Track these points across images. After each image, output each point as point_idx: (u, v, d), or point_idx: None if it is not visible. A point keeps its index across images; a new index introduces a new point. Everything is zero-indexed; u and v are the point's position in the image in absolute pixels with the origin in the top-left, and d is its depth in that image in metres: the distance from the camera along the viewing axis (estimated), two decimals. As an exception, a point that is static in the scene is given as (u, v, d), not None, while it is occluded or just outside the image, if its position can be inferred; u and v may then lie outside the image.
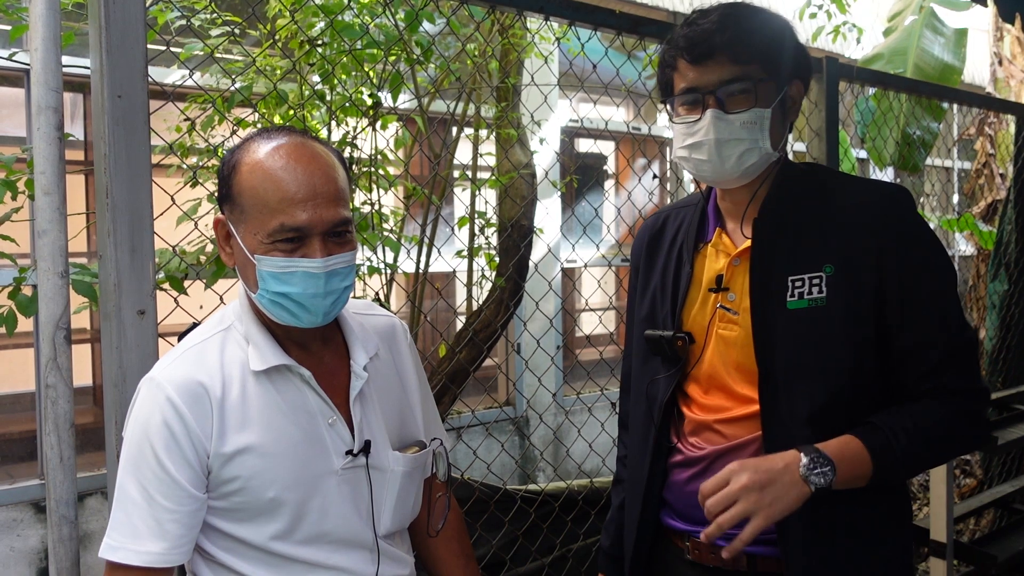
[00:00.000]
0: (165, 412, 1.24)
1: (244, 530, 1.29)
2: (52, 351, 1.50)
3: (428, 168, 3.07)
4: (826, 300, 1.38)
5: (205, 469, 1.26)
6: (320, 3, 2.54)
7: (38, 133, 1.50)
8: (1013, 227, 4.35)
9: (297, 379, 1.31)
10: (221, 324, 1.35)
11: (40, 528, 3.43)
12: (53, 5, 1.50)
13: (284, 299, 1.24)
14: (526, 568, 2.55)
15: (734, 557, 1.40)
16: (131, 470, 1.26)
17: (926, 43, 5.43)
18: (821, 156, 2.95)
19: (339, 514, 1.32)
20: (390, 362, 1.46)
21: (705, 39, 1.39)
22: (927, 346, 1.38)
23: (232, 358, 1.30)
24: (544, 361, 3.83)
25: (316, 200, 1.23)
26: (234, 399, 1.27)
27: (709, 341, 1.48)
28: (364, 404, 1.37)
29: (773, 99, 1.41)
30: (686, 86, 1.42)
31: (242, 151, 1.28)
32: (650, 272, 1.62)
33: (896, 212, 1.41)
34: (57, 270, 1.51)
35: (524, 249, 3.02)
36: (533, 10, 2.26)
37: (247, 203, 1.24)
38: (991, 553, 3.22)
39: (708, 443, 1.47)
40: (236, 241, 1.27)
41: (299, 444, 1.29)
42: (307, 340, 1.35)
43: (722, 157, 1.41)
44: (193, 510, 1.26)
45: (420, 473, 1.46)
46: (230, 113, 2.49)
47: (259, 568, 1.30)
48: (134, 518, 1.24)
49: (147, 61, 1.56)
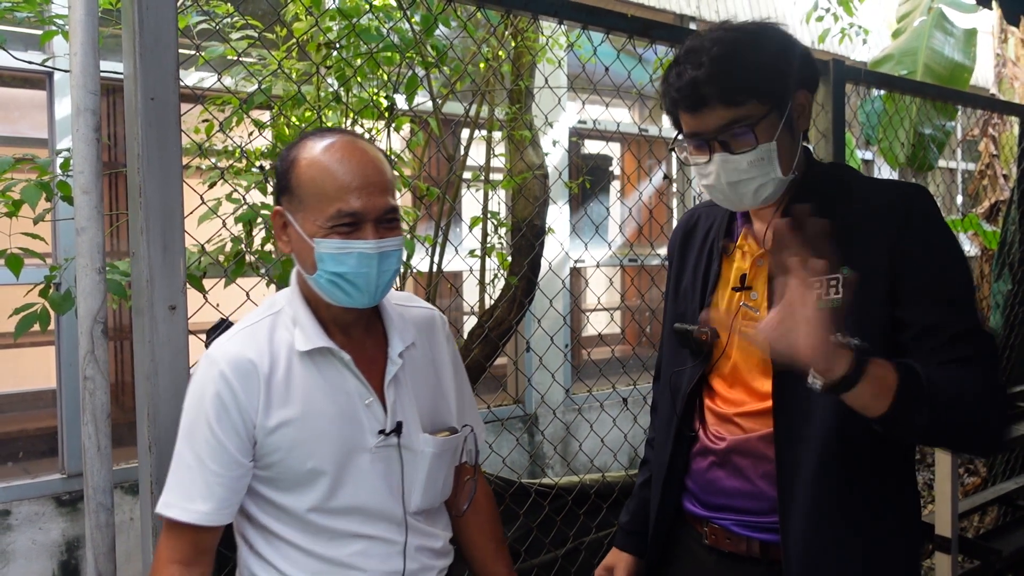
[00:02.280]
0: (218, 385, 1.38)
1: (285, 498, 1.42)
2: (90, 344, 1.56)
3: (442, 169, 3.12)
4: (842, 300, 1.39)
5: (251, 439, 1.39)
6: (338, 7, 2.59)
7: (77, 134, 1.55)
8: (1016, 227, 4.40)
9: (338, 362, 1.43)
10: (272, 308, 1.48)
11: (61, 522, 3.49)
12: (92, 11, 1.56)
13: (340, 279, 1.37)
14: (540, 559, 2.60)
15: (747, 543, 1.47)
16: (186, 437, 1.40)
17: (936, 43, 5.47)
18: (828, 157, 2.99)
19: (372, 488, 1.44)
20: (426, 351, 1.57)
21: (695, 90, 1.39)
22: (938, 328, 1.34)
23: (280, 339, 1.43)
24: (555, 359, 3.88)
25: (369, 189, 1.36)
26: (280, 376, 1.40)
27: (733, 338, 1.53)
28: (398, 388, 1.48)
29: (776, 129, 1.41)
30: (689, 131, 1.45)
31: (299, 148, 1.42)
32: (683, 268, 1.67)
33: (911, 212, 1.41)
34: (95, 266, 1.56)
35: (538, 248, 3.08)
36: (548, 14, 2.32)
37: (306, 193, 1.38)
38: (996, 548, 3.26)
39: (728, 434, 1.52)
40: (294, 229, 1.40)
41: (336, 421, 1.41)
42: (350, 327, 1.47)
43: (738, 194, 1.45)
44: (239, 475, 1.39)
45: (450, 456, 1.55)
46: (249, 114, 2.54)
47: (298, 533, 1.42)
48: (186, 480, 1.38)
49: (178, 64, 1.61)
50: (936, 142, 5.42)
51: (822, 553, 1.40)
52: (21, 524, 3.43)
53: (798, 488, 1.41)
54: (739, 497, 1.50)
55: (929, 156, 5.42)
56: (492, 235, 3.23)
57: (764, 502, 1.46)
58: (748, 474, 1.49)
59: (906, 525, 1.48)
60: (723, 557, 1.53)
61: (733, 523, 1.51)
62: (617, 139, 5.01)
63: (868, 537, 1.43)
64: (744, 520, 1.50)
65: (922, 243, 1.40)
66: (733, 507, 1.51)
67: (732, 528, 1.51)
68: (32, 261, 2.20)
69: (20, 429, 4.11)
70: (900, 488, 1.49)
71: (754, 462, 1.48)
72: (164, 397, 1.57)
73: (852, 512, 1.42)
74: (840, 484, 1.40)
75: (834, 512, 1.41)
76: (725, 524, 1.52)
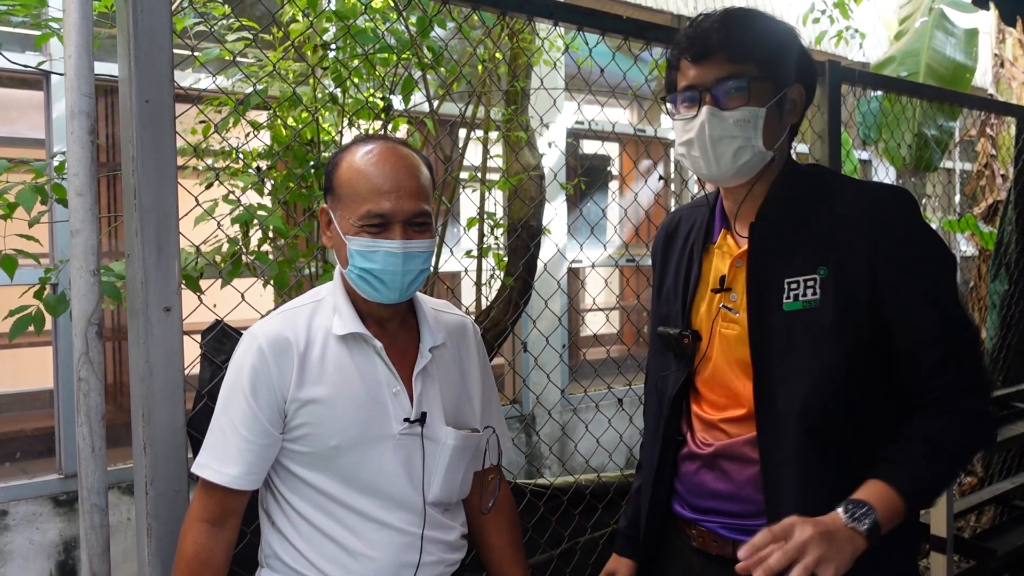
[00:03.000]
0: (255, 359, 1.48)
1: (310, 474, 1.50)
2: (84, 345, 1.57)
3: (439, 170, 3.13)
4: (819, 302, 1.41)
5: (282, 412, 1.48)
6: (334, 8, 2.60)
7: (71, 137, 1.56)
8: (1013, 228, 4.40)
9: (371, 350, 1.52)
10: (315, 296, 1.58)
11: (58, 522, 3.50)
12: (86, 14, 1.56)
13: (368, 274, 1.47)
14: (535, 559, 2.60)
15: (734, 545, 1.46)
16: (224, 405, 1.50)
17: (937, 44, 5.48)
18: (823, 158, 3.00)
19: (393, 474, 1.51)
20: (456, 354, 1.65)
21: (705, 38, 1.45)
22: (927, 346, 1.39)
23: (319, 324, 1.52)
24: (551, 359, 3.89)
25: (399, 192, 1.46)
26: (315, 356, 1.49)
27: (713, 340, 1.54)
28: (425, 380, 1.56)
29: (769, 99, 1.45)
30: (686, 84, 1.48)
31: (345, 152, 1.53)
32: (665, 270, 1.69)
33: (891, 213, 1.42)
34: (89, 268, 1.57)
35: (533, 249, 3.08)
36: (543, 16, 2.32)
37: (344, 193, 1.49)
38: (991, 547, 3.28)
39: (714, 439, 1.53)
40: (335, 226, 1.51)
41: (364, 404, 1.49)
42: (386, 321, 1.56)
43: (716, 154, 1.46)
44: (268, 444, 1.48)
45: (471, 453, 1.61)
46: (246, 115, 2.55)
47: (319, 513, 1.50)
48: (222, 444, 1.48)
49: (173, 67, 1.62)
50: (939, 142, 5.42)
51: None
52: (19, 524, 3.44)
53: (784, 491, 1.41)
54: (726, 500, 1.50)
55: (932, 156, 5.42)
56: (488, 236, 3.23)
57: (750, 505, 1.46)
58: (734, 477, 1.50)
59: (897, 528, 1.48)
60: (710, 559, 1.54)
61: (720, 526, 1.52)
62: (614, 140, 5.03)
63: None
64: (731, 523, 1.51)
65: (906, 249, 1.41)
66: (720, 510, 1.52)
67: (719, 531, 1.52)
68: (29, 262, 2.20)
69: (18, 429, 4.12)
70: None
71: (740, 466, 1.49)
72: (159, 398, 1.58)
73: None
74: (828, 485, 1.40)
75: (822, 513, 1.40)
76: (712, 527, 1.53)
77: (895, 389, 1.44)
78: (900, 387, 1.44)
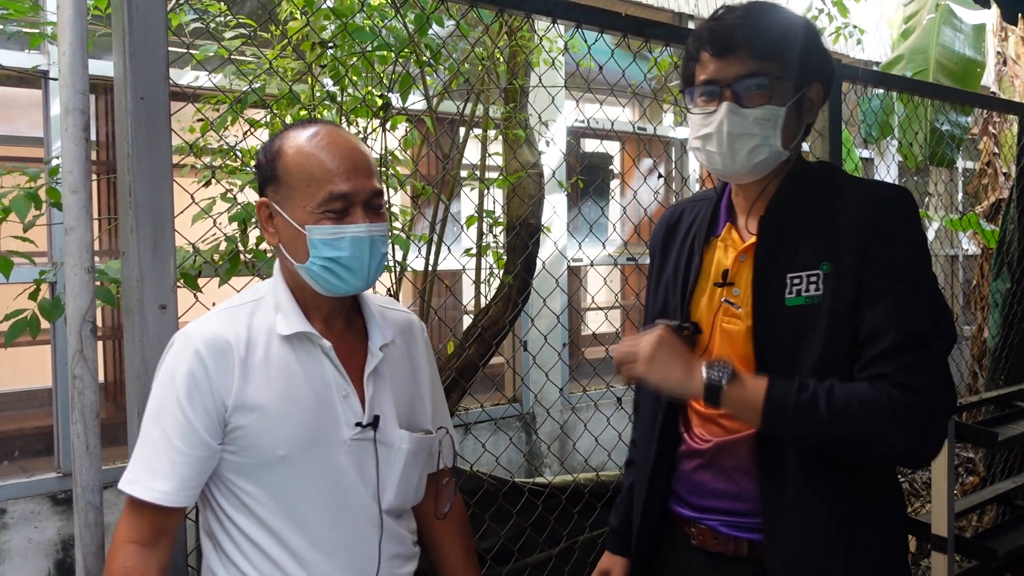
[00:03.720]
0: (191, 363, 1.36)
1: (256, 488, 1.38)
2: (79, 343, 1.56)
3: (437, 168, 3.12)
4: (821, 298, 1.41)
5: (222, 420, 1.37)
6: (332, 6, 2.59)
7: (66, 134, 1.55)
8: (1015, 226, 4.38)
9: (318, 350, 1.42)
10: (255, 295, 1.47)
11: (57, 520, 3.50)
12: (80, 11, 1.56)
13: (334, 263, 1.37)
14: (533, 559, 2.60)
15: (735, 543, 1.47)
16: (154, 414, 1.38)
17: (946, 40, 5.45)
18: (824, 155, 2.99)
19: (346, 483, 1.42)
20: (404, 352, 1.57)
21: (728, 33, 1.43)
22: (878, 336, 1.35)
23: (260, 324, 1.42)
24: (550, 358, 3.88)
25: (356, 171, 1.38)
26: (257, 359, 1.38)
27: (715, 333, 1.53)
28: (377, 382, 1.47)
29: (789, 98, 1.45)
30: (706, 77, 1.47)
31: (283, 139, 1.43)
32: (664, 262, 1.67)
33: (887, 213, 1.42)
34: (84, 265, 1.56)
35: (532, 247, 3.08)
36: (541, 13, 2.31)
37: (295, 180, 1.38)
38: (992, 547, 3.26)
39: (712, 435, 1.52)
40: (283, 219, 1.40)
41: (312, 409, 1.39)
42: (332, 318, 1.47)
43: (733, 151, 1.45)
44: (205, 456, 1.36)
45: (425, 456, 1.54)
46: (243, 113, 2.55)
47: (266, 534, 1.38)
48: (152, 458, 1.36)
49: (168, 64, 1.61)
50: (953, 137, 5.40)
51: (807, 553, 1.40)
52: (17, 523, 3.44)
53: (782, 488, 1.41)
54: (726, 498, 1.49)
55: (947, 152, 5.39)
56: (487, 234, 3.23)
57: (751, 503, 1.45)
58: (734, 475, 1.49)
59: (890, 523, 1.49)
60: (711, 557, 1.53)
61: (720, 523, 1.51)
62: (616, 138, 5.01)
63: (853, 537, 1.43)
64: (731, 520, 1.50)
65: (887, 249, 1.40)
66: (720, 508, 1.51)
67: (719, 528, 1.51)
68: (25, 262, 2.20)
69: (17, 428, 4.13)
70: (883, 488, 1.49)
71: (740, 463, 1.48)
72: (154, 397, 1.57)
73: (837, 512, 1.42)
74: (824, 483, 1.40)
75: (819, 512, 1.41)
76: (712, 525, 1.52)
77: None
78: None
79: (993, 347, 4.46)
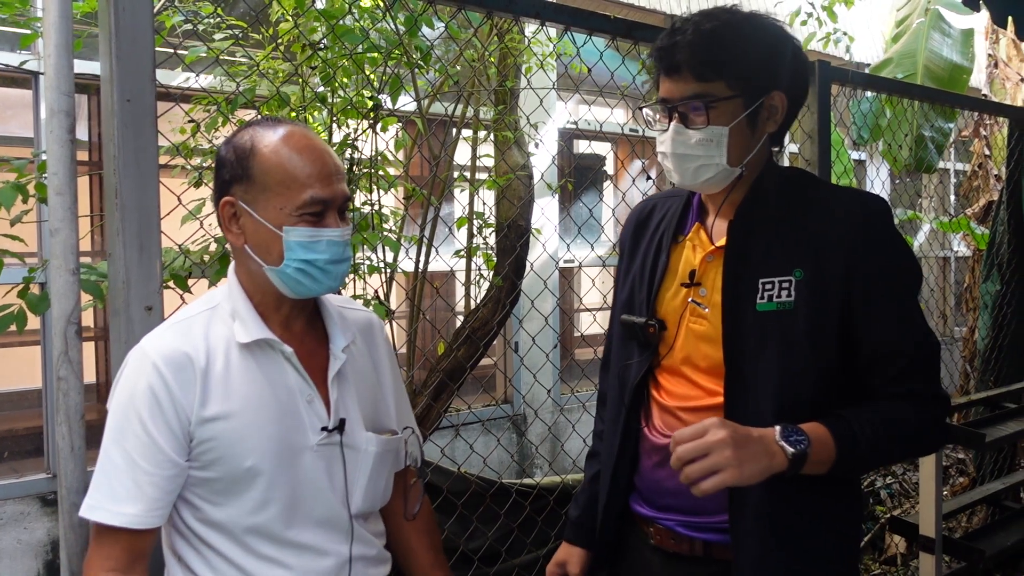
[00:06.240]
0: (151, 379, 1.32)
1: (224, 502, 1.36)
2: (64, 345, 1.56)
3: (427, 169, 3.13)
4: (794, 304, 1.42)
5: (187, 436, 1.33)
6: (322, 8, 2.60)
7: (51, 136, 1.56)
8: (1005, 228, 4.41)
9: (279, 356, 1.39)
10: (209, 303, 1.43)
11: (47, 521, 3.50)
12: (66, 13, 1.56)
13: (310, 266, 1.35)
14: (521, 560, 2.60)
15: (691, 543, 1.48)
16: (115, 434, 1.33)
17: (934, 45, 5.47)
18: (813, 158, 3.00)
19: (314, 488, 1.39)
20: (365, 353, 1.54)
21: (673, 53, 1.43)
22: (895, 354, 1.42)
23: (218, 333, 1.38)
24: (541, 359, 3.89)
25: (332, 176, 1.37)
26: (218, 370, 1.35)
27: (680, 332, 1.53)
28: (341, 384, 1.45)
29: (736, 117, 1.44)
30: (659, 96, 1.48)
31: (252, 137, 1.38)
32: (633, 258, 1.67)
33: (867, 221, 1.43)
34: (69, 267, 1.56)
35: (520, 249, 3.08)
36: (529, 16, 2.32)
37: (272, 180, 1.35)
38: (979, 548, 3.28)
39: (671, 430, 1.51)
40: (252, 219, 1.36)
41: (277, 417, 1.36)
42: (291, 321, 1.44)
43: (682, 169, 1.48)
44: (172, 475, 1.33)
45: (392, 458, 1.52)
46: (234, 115, 2.55)
47: (236, 548, 1.36)
48: (114, 480, 1.31)
49: (155, 66, 1.62)
50: (936, 143, 5.42)
51: (773, 551, 1.42)
52: (7, 523, 3.43)
53: (749, 491, 1.40)
54: (683, 496, 1.48)
55: (930, 157, 5.42)
56: (477, 236, 3.23)
57: (708, 501, 1.42)
58: None
59: (849, 519, 1.52)
60: (669, 557, 1.54)
61: (677, 523, 1.52)
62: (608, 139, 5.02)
63: (815, 533, 1.45)
64: (689, 520, 1.51)
65: (879, 259, 1.42)
66: (678, 507, 1.52)
67: (677, 529, 1.52)
68: (14, 262, 2.20)
69: (7, 428, 4.12)
70: (843, 482, 1.51)
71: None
72: (139, 398, 1.57)
73: (799, 507, 1.44)
74: (793, 487, 1.40)
75: (783, 508, 1.42)
76: (670, 525, 1.53)
77: (860, 392, 1.45)
78: (865, 390, 1.45)
79: (983, 349, 4.48)
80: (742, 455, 1.26)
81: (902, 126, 5.08)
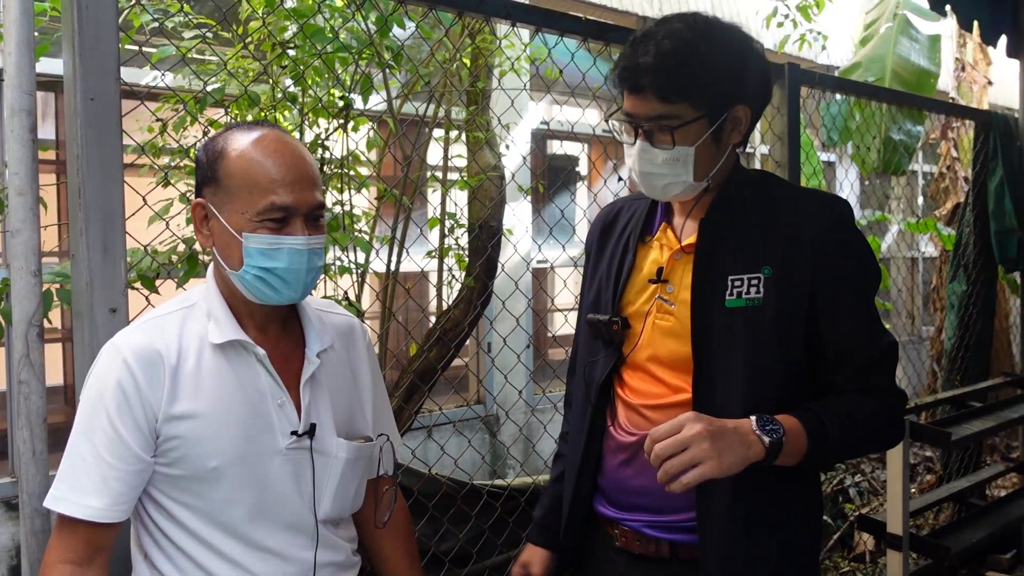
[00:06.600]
0: (120, 374, 1.32)
1: (188, 500, 1.36)
2: (25, 347, 1.54)
3: (399, 170, 3.11)
4: (762, 300, 1.44)
5: (153, 432, 1.33)
6: (292, 7, 2.58)
7: (11, 136, 1.53)
8: (971, 229, 4.47)
9: (252, 358, 1.39)
10: (186, 302, 1.43)
11: (11, 525, 3.43)
12: (27, 11, 1.54)
13: (269, 274, 1.33)
14: (492, 561, 2.60)
15: (656, 544, 1.50)
16: (83, 427, 1.34)
17: (902, 50, 5.55)
18: (783, 159, 3.03)
19: (281, 493, 1.39)
20: (344, 358, 1.53)
21: (638, 74, 1.42)
22: (858, 349, 1.46)
23: (191, 332, 1.38)
24: (513, 360, 3.89)
25: (301, 183, 1.34)
26: (188, 369, 1.35)
27: (646, 329, 1.55)
28: (314, 389, 1.44)
29: (701, 136, 1.45)
30: (624, 110, 1.48)
31: (226, 139, 1.38)
32: (599, 259, 1.69)
33: (832, 222, 1.47)
34: (30, 268, 1.54)
35: (492, 250, 3.08)
36: (500, 16, 2.31)
37: (236, 185, 1.34)
38: (945, 545, 3.32)
39: (637, 428, 1.52)
40: (218, 222, 1.36)
41: (246, 419, 1.36)
42: (267, 323, 1.43)
43: (648, 186, 1.51)
44: (137, 470, 1.33)
45: (364, 464, 1.51)
46: (202, 114, 2.52)
47: (201, 547, 1.36)
48: (80, 473, 1.31)
49: (119, 65, 1.59)
50: (906, 146, 5.49)
51: (740, 545, 1.44)
52: (-30, 528, 3.37)
53: (717, 487, 1.42)
54: (648, 495, 1.50)
55: (900, 160, 5.49)
56: (448, 236, 3.22)
57: (674, 500, 1.44)
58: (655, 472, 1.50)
59: (811, 514, 1.56)
60: (634, 559, 1.54)
61: (643, 524, 1.53)
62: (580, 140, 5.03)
63: (779, 530, 1.48)
64: (654, 521, 1.52)
65: (842, 259, 1.47)
66: (644, 506, 1.52)
67: (642, 530, 1.53)
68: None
69: (-29, 431, 4.04)
70: (805, 478, 1.54)
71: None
72: (103, 401, 1.54)
73: (766, 505, 1.46)
74: (759, 484, 1.43)
75: (749, 509, 1.44)
76: (635, 526, 1.53)
77: (823, 388, 1.49)
78: (828, 386, 1.49)
79: (950, 348, 4.54)
80: (720, 446, 1.28)
81: (871, 129, 5.13)
